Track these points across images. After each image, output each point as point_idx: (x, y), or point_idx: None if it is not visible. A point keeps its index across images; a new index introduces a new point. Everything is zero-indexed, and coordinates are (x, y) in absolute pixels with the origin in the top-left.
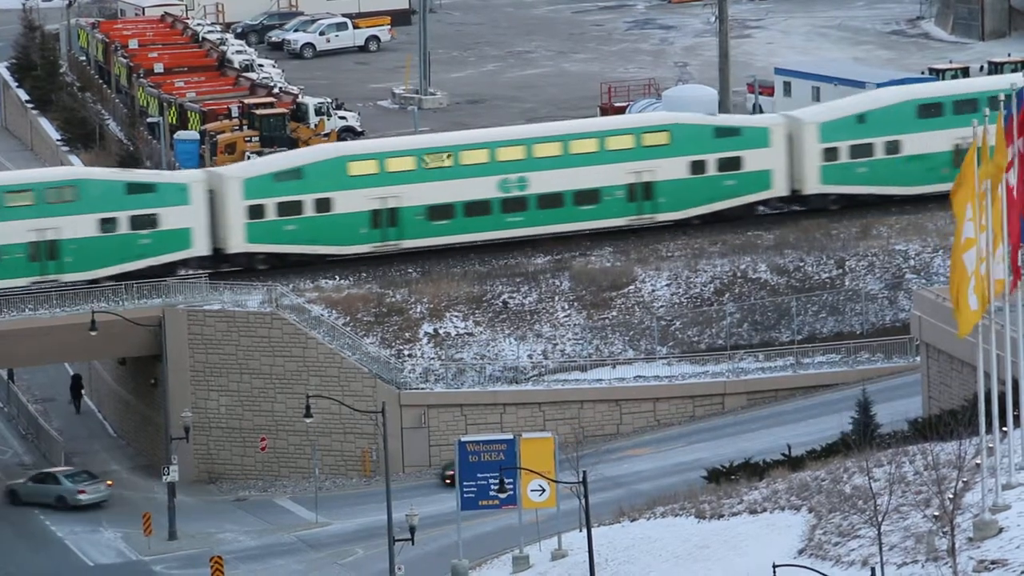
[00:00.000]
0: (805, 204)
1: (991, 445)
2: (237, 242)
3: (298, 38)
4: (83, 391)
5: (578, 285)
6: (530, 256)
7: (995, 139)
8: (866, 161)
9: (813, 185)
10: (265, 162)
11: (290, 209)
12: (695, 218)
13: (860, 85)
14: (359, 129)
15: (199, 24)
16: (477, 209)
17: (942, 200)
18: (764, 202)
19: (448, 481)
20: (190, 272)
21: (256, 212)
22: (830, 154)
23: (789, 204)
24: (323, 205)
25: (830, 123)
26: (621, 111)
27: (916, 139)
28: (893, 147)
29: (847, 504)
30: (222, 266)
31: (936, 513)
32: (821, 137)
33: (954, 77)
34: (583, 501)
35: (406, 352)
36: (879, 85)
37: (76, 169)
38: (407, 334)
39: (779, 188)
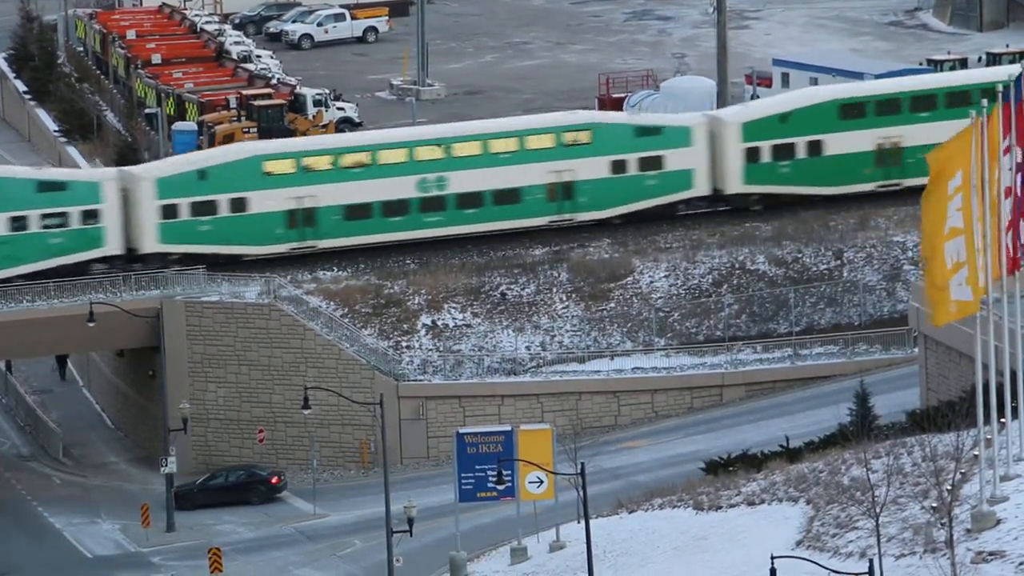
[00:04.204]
0: None
1: (989, 437)
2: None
3: (296, 29)
4: (68, 358)
5: (576, 276)
6: (528, 247)
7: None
8: None
9: None
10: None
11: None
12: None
13: (858, 76)
14: (357, 120)
15: (197, 15)
16: None
17: None
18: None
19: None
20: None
21: (753, 155)
22: None
23: None
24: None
25: None
26: (619, 102)
27: None
28: None
29: (845, 496)
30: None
31: (934, 504)
32: None
33: (952, 68)
34: (581, 493)
35: (404, 344)
36: (877, 76)
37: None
38: (405, 325)
39: None
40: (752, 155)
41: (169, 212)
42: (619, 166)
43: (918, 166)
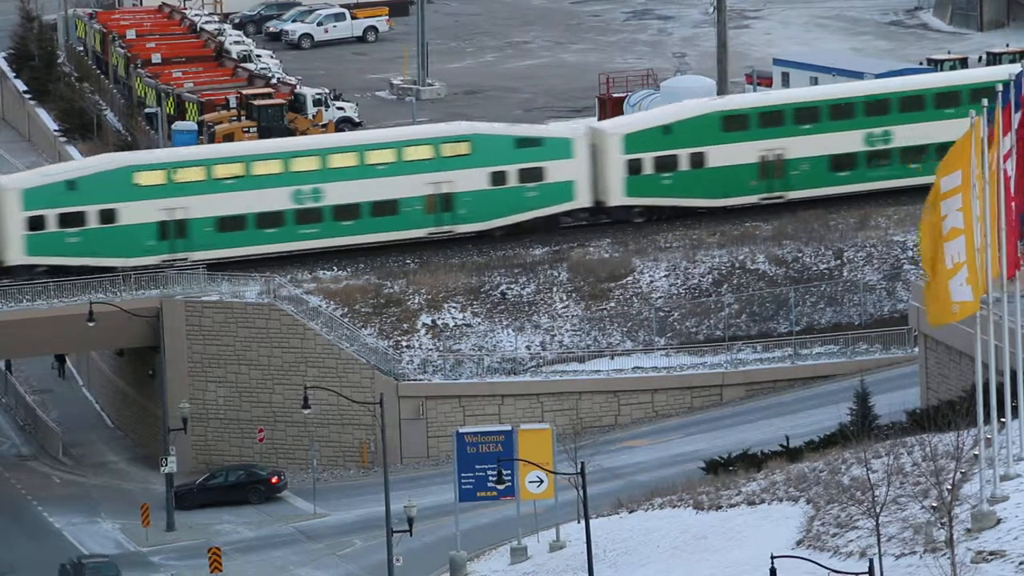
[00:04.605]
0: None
1: (989, 436)
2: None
3: (296, 28)
4: (67, 356)
5: (576, 276)
6: (528, 247)
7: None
8: None
9: None
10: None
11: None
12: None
13: (859, 76)
14: (357, 120)
15: (197, 14)
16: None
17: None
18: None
19: None
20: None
21: (635, 166)
22: None
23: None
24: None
25: None
26: (619, 102)
27: None
28: None
29: (845, 495)
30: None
31: (934, 504)
32: None
33: (952, 68)
34: (581, 492)
35: (404, 343)
36: (878, 76)
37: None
38: (405, 325)
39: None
40: (634, 167)
41: (36, 223)
42: (499, 178)
43: (802, 178)
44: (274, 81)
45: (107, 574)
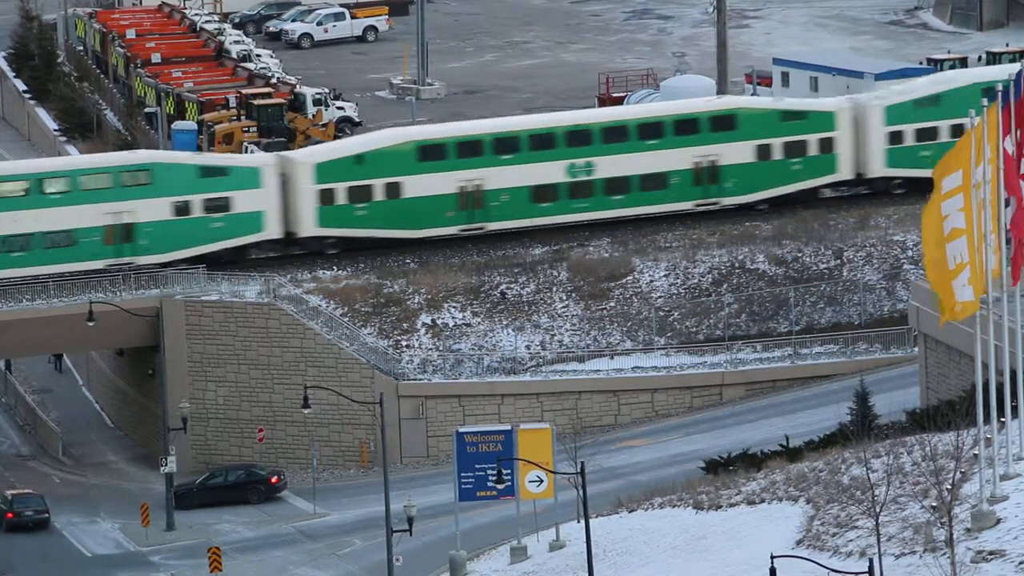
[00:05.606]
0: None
1: (989, 436)
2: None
3: (296, 28)
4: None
5: (576, 276)
6: (528, 247)
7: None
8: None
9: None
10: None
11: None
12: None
13: (858, 76)
14: (357, 120)
15: (196, 14)
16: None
17: None
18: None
19: None
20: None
21: (327, 197)
22: None
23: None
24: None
25: None
26: (619, 101)
27: None
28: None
29: (845, 495)
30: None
31: (934, 504)
32: None
33: (952, 67)
34: (581, 492)
35: (404, 343)
36: (877, 76)
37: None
38: (405, 325)
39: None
40: (327, 197)
41: None
42: (182, 208)
43: (502, 209)
44: (274, 81)
45: (36, 506)
